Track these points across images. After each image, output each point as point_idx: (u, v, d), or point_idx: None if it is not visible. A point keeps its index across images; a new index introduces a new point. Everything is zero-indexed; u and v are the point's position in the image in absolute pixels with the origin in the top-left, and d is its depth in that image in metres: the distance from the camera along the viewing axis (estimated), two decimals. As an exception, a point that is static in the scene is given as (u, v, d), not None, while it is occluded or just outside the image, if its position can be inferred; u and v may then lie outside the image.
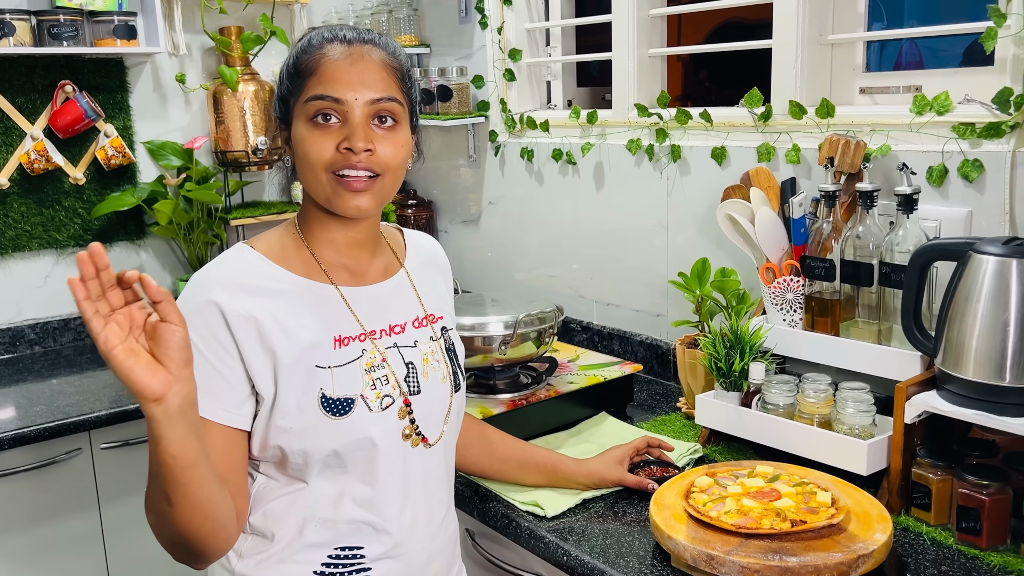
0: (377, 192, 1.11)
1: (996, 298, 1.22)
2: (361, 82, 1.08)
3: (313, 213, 1.16)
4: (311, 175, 1.10)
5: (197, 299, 1.08)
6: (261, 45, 2.55)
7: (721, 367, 1.55)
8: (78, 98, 2.38)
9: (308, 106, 1.09)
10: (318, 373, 1.09)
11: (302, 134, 1.10)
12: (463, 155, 2.60)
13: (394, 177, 1.13)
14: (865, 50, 1.77)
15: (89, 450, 2.04)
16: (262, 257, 1.13)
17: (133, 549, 2.12)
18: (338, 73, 1.08)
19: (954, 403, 1.27)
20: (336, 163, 1.08)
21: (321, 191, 1.11)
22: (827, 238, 1.54)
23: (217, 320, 1.06)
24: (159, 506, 0.98)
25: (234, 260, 1.13)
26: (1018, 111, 1.41)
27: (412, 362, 1.18)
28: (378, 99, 1.09)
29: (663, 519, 1.25)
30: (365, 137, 1.08)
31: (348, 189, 1.09)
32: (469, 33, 2.51)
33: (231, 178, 2.62)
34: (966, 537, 1.25)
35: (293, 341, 1.09)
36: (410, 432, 1.16)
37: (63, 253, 2.49)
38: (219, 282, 1.08)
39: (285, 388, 1.08)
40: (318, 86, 1.08)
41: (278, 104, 1.16)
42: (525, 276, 2.47)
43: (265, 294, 1.09)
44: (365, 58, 1.10)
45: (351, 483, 1.13)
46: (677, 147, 1.95)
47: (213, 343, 1.06)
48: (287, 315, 1.10)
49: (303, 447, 1.09)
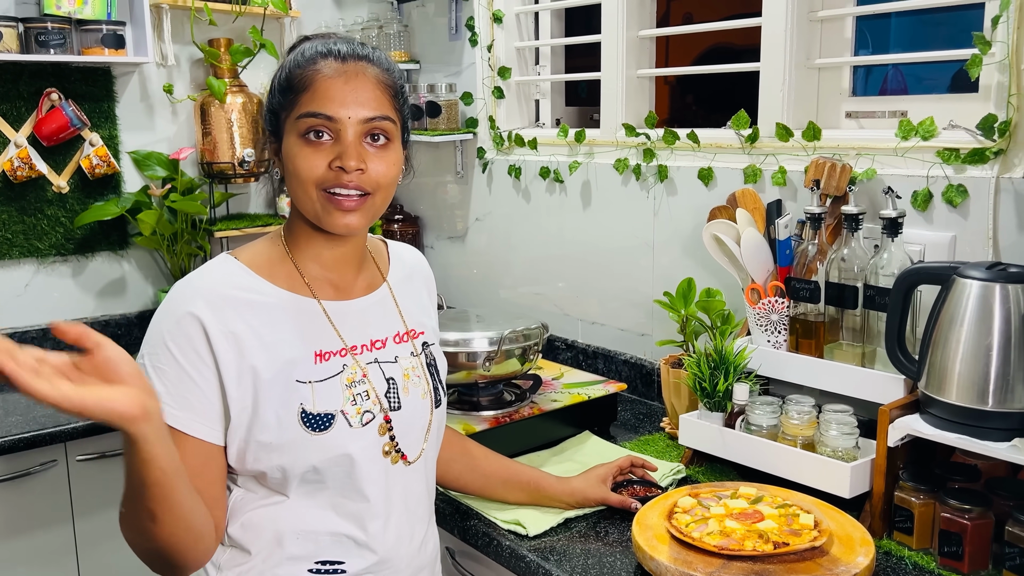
0: (367, 210, 1.10)
1: (979, 322, 1.23)
2: (355, 100, 1.07)
3: (300, 227, 1.15)
4: (301, 191, 1.09)
5: (179, 309, 1.06)
6: (250, 58, 2.54)
7: (705, 387, 1.54)
8: (64, 106, 2.36)
9: (300, 122, 1.08)
10: (298, 388, 1.08)
11: (293, 150, 1.09)
12: (451, 171, 2.60)
13: (385, 195, 1.12)
14: (851, 75, 1.78)
15: (65, 462, 2.01)
16: (246, 268, 1.12)
17: (107, 562, 2.08)
18: (332, 90, 1.07)
19: (937, 427, 1.27)
20: (327, 181, 1.07)
21: (311, 207, 1.10)
22: (812, 260, 1.55)
23: (197, 332, 1.05)
24: (141, 524, 0.96)
25: (217, 271, 1.11)
26: (1002, 137, 1.42)
27: (393, 377, 1.17)
28: (371, 118, 1.08)
29: (645, 539, 1.24)
30: (357, 156, 1.07)
31: (338, 208, 1.08)
32: (459, 50, 2.52)
33: (216, 190, 2.61)
34: (948, 562, 1.25)
35: (273, 356, 1.07)
36: (390, 449, 1.15)
37: (44, 262, 2.47)
38: (202, 293, 1.07)
39: (264, 403, 1.06)
40: (311, 103, 1.07)
41: (268, 116, 1.14)
42: (511, 293, 2.46)
43: (247, 307, 1.08)
44: (360, 75, 1.08)
45: (333, 497, 1.12)
46: (664, 167, 1.96)
47: (192, 355, 1.05)
48: (268, 329, 1.08)
49: (281, 462, 1.08)
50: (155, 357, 1.05)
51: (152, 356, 1.06)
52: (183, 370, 1.04)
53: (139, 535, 0.98)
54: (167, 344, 1.05)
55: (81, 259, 2.53)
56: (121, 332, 2.59)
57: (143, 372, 0.99)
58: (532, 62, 2.44)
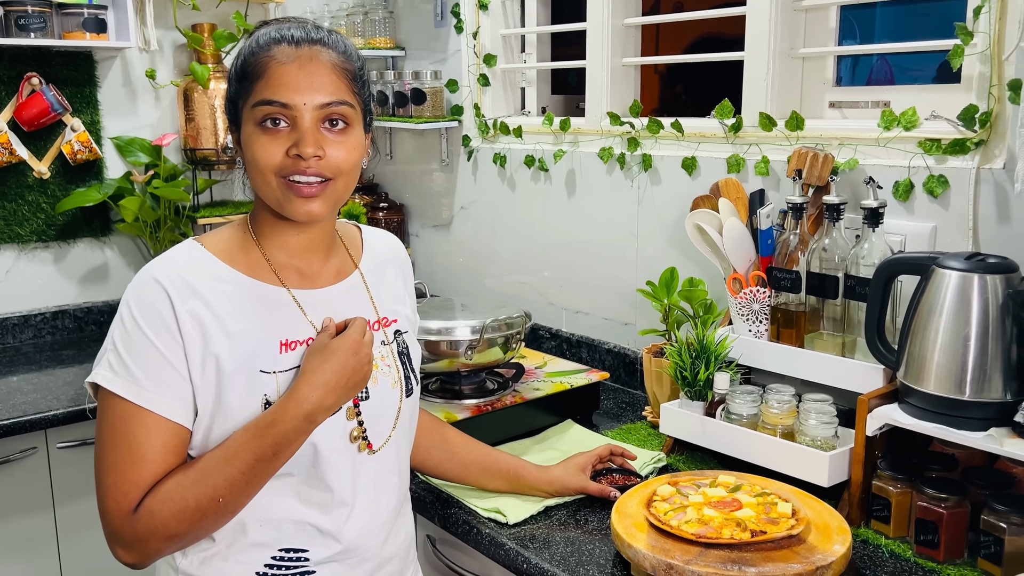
0: (329, 197, 1.09)
1: (957, 313, 1.23)
2: (309, 86, 1.06)
3: (265, 215, 1.14)
4: (260, 180, 1.08)
5: (147, 291, 1.06)
6: (234, 43, 2.52)
7: (686, 376, 1.55)
8: (44, 91, 2.34)
9: (256, 111, 1.06)
10: (262, 378, 1.07)
11: (251, 138, 1.07)
12: (436, 159, 2.59)
13: (346, 180, 1.11)
14: (836, 65, 1.78)
15: (45, 449, 2.00)
16: (211, 256, 1.11)
17: (88, 550, 2.07)
18: (286, 77, 1.05)
19: (915, 416, 1.28)
20: (285, 168, 1.06)
21: (271, 195, 1.09)
22: (794, 250, 1.55)
23: (166, 307, 1.04)
24: (230, 506, 1.05)
25: (183, 257, 1.10)
26: (983, 128, 1.42)
27: None
28: (327, 103, 1.07)
29: (624, 527, 1.24)
30: (315, 143, 1.06)
31: (299, 195, 1.07)
32: (444, 37, 2.50)
33: (200, 176, 2.59)
34: (924, 550, 1.26)
35: (237, 346, 1.07)
36: (358, 434, 1.14)
37: (25, 248, 2.45)
38: (168, 278, 1.06)
39: (227, 392, 1.06)
40: (265, 90, 1.06)
41: (228, 105, 1.13)
42: (495, 282, 2.46)
43: (212, 294, 1.07)
44: (314, 60, 1.07)
45: (297, 485, 1.11)
46: (648, 156, 1.96)
47: (164, 333, 1.04)
48: (232, 318, 1.07)
49: None
50: (127, 340, 1.05)
51: (124, 340, 1.05)
52: (157, 350, 1.04)
53: (218, 516, 1.05)
54: (140, 325, 1.04)
55: (63, 245, 2.51)
56: (104, 319, 2.57)
57: (117, 359, 1.02)
58: (518, 50, 2.43)
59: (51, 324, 2.50)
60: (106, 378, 1.04)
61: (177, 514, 1.02)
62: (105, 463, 1.05)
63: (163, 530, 1.02)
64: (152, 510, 1.03)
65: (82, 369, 2.23)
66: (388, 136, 2.74)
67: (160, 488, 1.04)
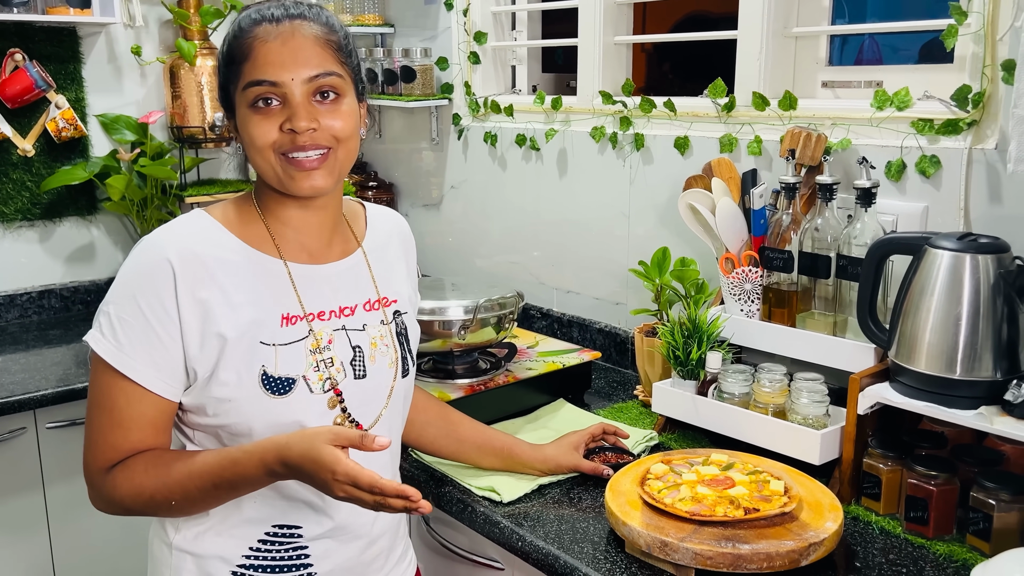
0: (331, 167, 1.09)
1: (949, 292, 1.24)
2: (295, 61, 1.06)
3: (268, 193, 1.14)
4: (260, 159, 1.09)
5: (149, 261, 1.06)
6: (220, 19, 2.48)
7: (679, 356, 1.55)
8: (28, 67, 2.30)
9: (247, 93, 1.07)
10: (261, 350, 1.08)
11: (245, 121, 1.08)
12: (426, 138, 2.58)
13: (347, 148, 1.11)
14: (828, 44, 1.78)
15: (34, 429, 1.99)
16: (218, 224, 1.11)
17: (78, 530, 2.07)
18: (271, 55, 1.05)
19: (906, 395, 1.29)
20: (283, 144, 1.07)
21: (272, 174, 1.09)
22: (786, 230, 1.55)
23: (167, 288, 1.04)
24: (182, 511, 1.09)
25: (190, 225, 1.10)
26: (976, 108, 1.43)
27: (359, 346, 1.16)
28: (315, 75, 1.07)
29: (618, 505, 1.25)
30: (308, 116, 1.06)
31: (300, 169, 1.07)
32: (434, 14, 2.48)
33: (187, 154, 2.57)
34: (914, 527, 1.27)
35: (240, 316, 1.07)
36: (341, 421, 1.14)
37: (10, 227, 2.42)
38: (179, 254, 1.06)
39: (226, 362, 1.06)
40: (253, 71, 1.06)
41: (220, 92, 1.13)
42: (486, 262, 2.46)
43: (218, 265, 1.07)
44: (296, 35, 1.07)
45: None
46: (640, 136, 1.95)
47: (159, 311, 1.04)
48: (236, 289, 1.08)
49: (236, 420, 1.08)
50: (121, 309, 1.05)
51: (118, 308, 1.06)
52: (150, 326, 1.04)
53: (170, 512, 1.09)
54: (136, 298, 1.05)
55: (48, 224, 2.48)
56: (91, 299, 2.55)
57: (108, 323, 1.04)
58: (509, 27, 2.41)
59: (37, 304, 2.48)
60: (96, 339, 1.07)
61: (133, 495, 1.07)
62: (91, 421, 1.10)
63: (120, 501, 1.08)
64: (116, 481, 1.07)
65: (70, 349, 2.22)
66: (377, 114, 2.72)
67: (130, 464, 1.08)
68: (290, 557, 1.14)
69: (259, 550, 1.13)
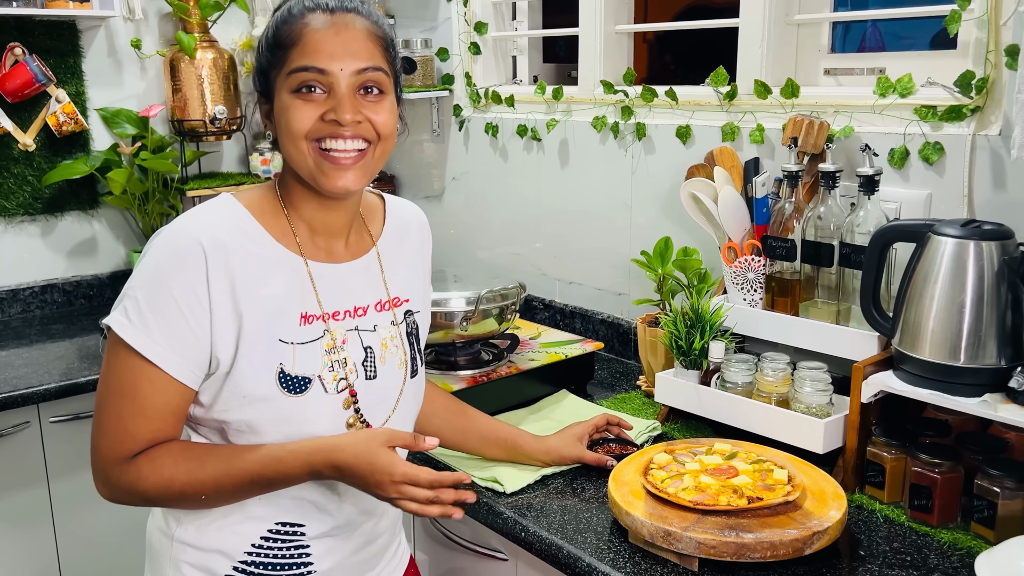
0: (365, 167, 1.08)
1: (953, 280, 1.24)
2: (346, 52, 1.04)
3: (294, 187, 1.12)
4: (293, 147, 1.06)
5: (182, 247, 1.03)
6: (220, 12, 2.48)
7: (681, 345, 1.55)
8: (28, 61, 2.30)
9: (292, 78, 1.05)
10: (280, 347, 1.07)
11: (285, 106, 1.06)
12: (427, 129, 2.57)
13: (384, 147, 1.10)
14: (831, 32, 1.77)
15: (38, 423, 1.99)
16: (248, 214, 1.09)
17: (82, 523, 2.07)
18: (322, 43, 1.04)
19: (910, 383, 1.28)
20: (321, 132, 1.05)
21: (304, 165, 1.07)
22: (789, 218, 1.55)
23: (199, 273, 1.02)
24: (211, 504, 1.09)
25: (222, 211, 1.09)
26: (979, 95, 1.42)
27: (371, 346, 1.16)
28: (364, 68, 1.05)
29: (621, 495, 1.25)
30: (353, 108, 1.05)
31: (335, 164, 1.06)
32: (434, 5, 2.47)
33: (188, 148, 2.56)
34: (918, 515, 1.27)
35: (261, 311, 1.06)
36: (353, 422, 1.14)
37: (12, 221, 2.42)
38: (207, 235, 1.04)
39: (244, 357, 1.05)
40: (301, 57, 1.04)
41: (258, 77, 1.11)
42: (488, 254, 2.45)
43: (246, 255, 1.06)
44: (349, 27, 1.06)
45: None
46: (642, 125, 1.95)
47: (191, 297, 1.02)
48: (261, 283, 1.07)
49: (249, 417, 1.07)
50: (150, 293, 1.03)
51: (147, 292, 1.03)
52: (181, 313, 1.02)
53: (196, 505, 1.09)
54: (166, 283, 1.02)
55: (50, 219, 2.48)
56: (93, 293, 2.55)
57: (135, 307, 1.02)
58: (509, 17, 2.40)
59: (40, 298, 2.48)
60: (121, 324, 1.03)
61: (161, 488, 1.05)
62: (107, 408, 1.06)
63: (143, 493, 1.06)
64: (141, 472, 1.05)
65: (73, 343, 2.22)
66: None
67: (157, 455, 1.05)
68: (291, 555, 1.13)
69: (261, 547, 1.12)
